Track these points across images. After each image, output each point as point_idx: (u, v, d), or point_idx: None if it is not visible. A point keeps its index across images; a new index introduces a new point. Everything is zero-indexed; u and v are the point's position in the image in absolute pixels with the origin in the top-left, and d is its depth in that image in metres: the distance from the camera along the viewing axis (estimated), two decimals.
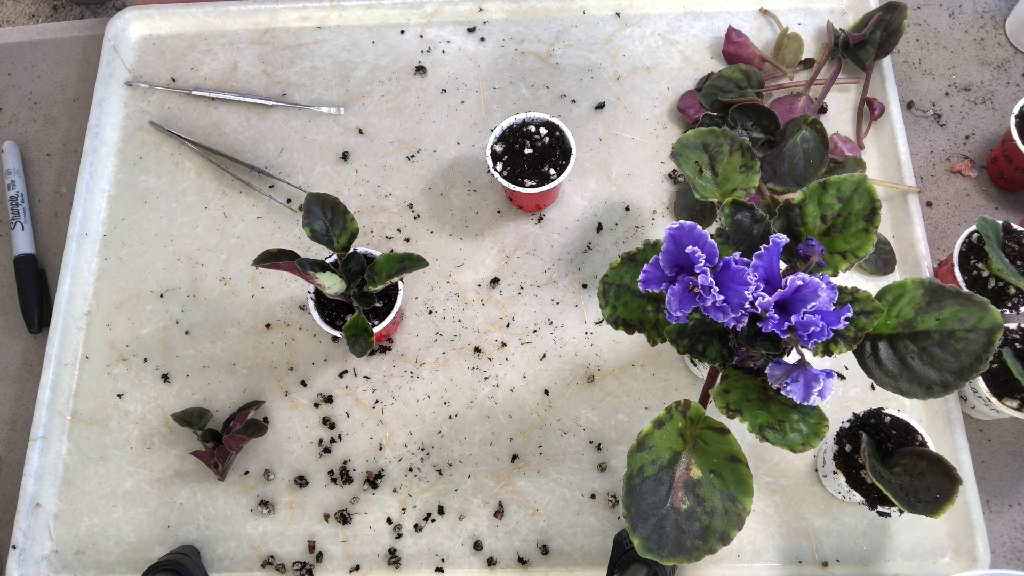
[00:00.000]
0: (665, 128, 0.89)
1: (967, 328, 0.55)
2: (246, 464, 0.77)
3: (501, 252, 0.84)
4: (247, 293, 0.83)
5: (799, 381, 0.54)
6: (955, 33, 0.94)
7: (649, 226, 0.85)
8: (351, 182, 0.88)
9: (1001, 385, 0.71)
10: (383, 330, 0.74)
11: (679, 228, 0.54)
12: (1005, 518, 0.75)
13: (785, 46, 0.89)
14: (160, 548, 0.75)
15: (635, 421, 0.77)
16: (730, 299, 0.53)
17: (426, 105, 0.91)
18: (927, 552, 0.73)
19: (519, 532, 0.74)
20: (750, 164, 0.64)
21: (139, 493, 0.77)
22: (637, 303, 0.62)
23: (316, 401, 0.79)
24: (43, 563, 0.75)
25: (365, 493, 0.76)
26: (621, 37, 0.93)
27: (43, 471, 0.77)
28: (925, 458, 0.63)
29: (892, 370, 0.58)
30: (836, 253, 0.59)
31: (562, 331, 0.81)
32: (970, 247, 0.76)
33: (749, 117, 0.81)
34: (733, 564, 0.73)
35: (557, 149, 0.80)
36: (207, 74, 0.93)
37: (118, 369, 0.81)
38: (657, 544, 0.54)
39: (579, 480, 0.76)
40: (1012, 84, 0.92)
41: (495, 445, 0.77)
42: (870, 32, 0.87)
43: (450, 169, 0.88)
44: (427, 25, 0.94)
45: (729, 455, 0.55)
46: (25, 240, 0.87)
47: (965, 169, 0.88)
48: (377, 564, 0.74)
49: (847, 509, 0.74)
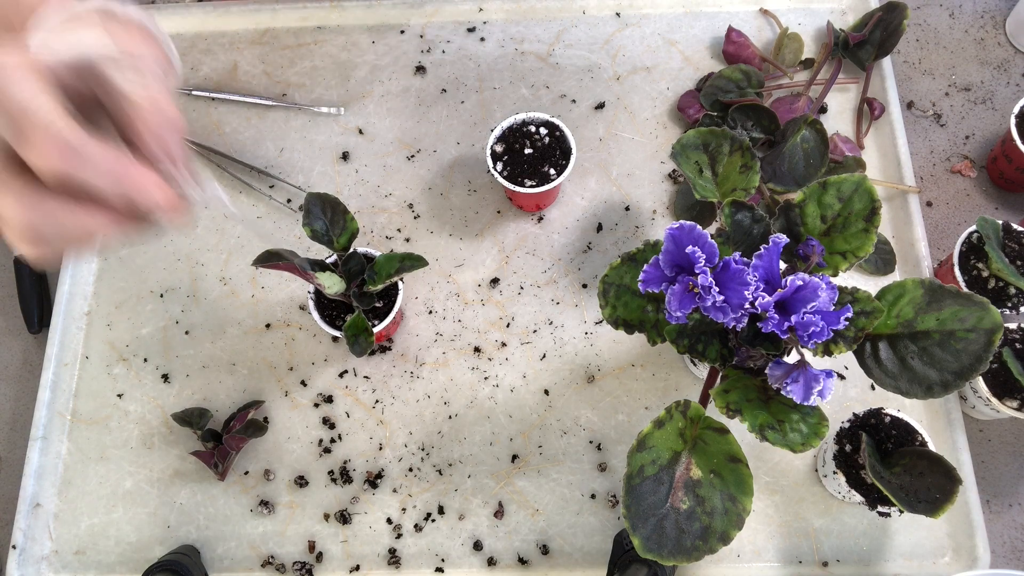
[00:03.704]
0: (665, 128, 0.89)
1: (967, 328, 0.55)
2: (246, 464, 0.77)
3: (501, 252, 0.84)
4: (247, 293, 0.83)
5: (799, 381, 0.54)
6: (955, 33, 0.94)
7: (649, 226, 0.85)
8: (351, 182, 0.88)
9: (1001, 385, 0.71)
10: (383, 330, 0.74)
11: (679, 228, 0.54)
12: (1005, 518, 0.75)
13: (785, 46, 0.89)
14: (160, 548, 0.75)
15: (635, 421, 0.77)
16: (730, 299, 0.53)
17: (426, 105, 0.91)
18: (927, 552, 0.73)
19: (519, 532, 0.74)
20: (750, 164, 0.64)
21: (139, 493, 0.77)
22: (637, 303, 0.62)
23: (316, 401, 0.79)
24: (43, 563, 0.75)
25: (365, 493, 0.76)
26: (621, 37, 0.93)
27: (43, 471, 0.77)
28: (925, 458, 0.63)
29: (892, 370, 0.58)
30: (836, 253, 0.59)
31: (562, 331, 0.81)
32: (970, 247, 0.76)
33: (749, 117, 0.81)
34: (733, 564, 0.73)
35: (557, 149, 0.80)
36: (207, 74, 0.93)
37: (118, 369, 0.81)
38: (657, 544, 0.54)
39: (579, 480, 0.76)
40: (1012, 84, 0.92)
41: (495, 445, 0.77)
42: (870, 32, 0.87)
43: (450, 169, 0.88)
44: (427, 25, 0.94)
45: (729, 455, 0.55)
46: None
47: (965, 169, 0.88)
48: (377, 564, 0.74)
49: (847, 509, 0.74)
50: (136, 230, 0.45)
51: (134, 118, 0.44)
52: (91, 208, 0.43)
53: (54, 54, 0.43)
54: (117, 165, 0.42)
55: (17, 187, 0.41)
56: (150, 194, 0.43)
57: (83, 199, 0.43)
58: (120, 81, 0.44)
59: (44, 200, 0.42)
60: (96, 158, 0.41)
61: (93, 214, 0.43)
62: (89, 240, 0.43)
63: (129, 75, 0.44)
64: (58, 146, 0.40)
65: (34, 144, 0.40)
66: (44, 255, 0.44)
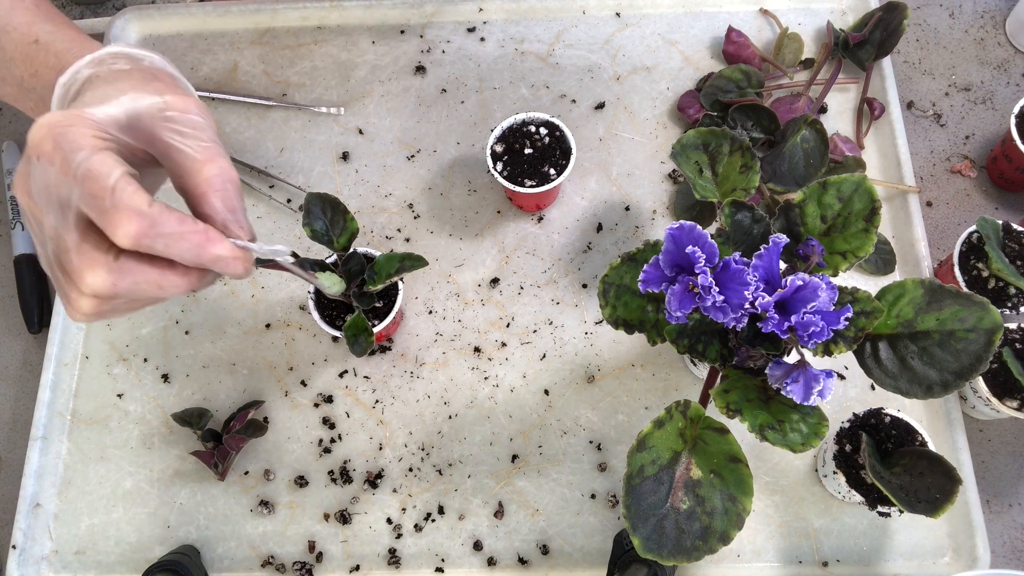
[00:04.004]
0: (665, 128, 0.89)
1: (967, 328, 0.55)
2: (246, 464, 0.77)
3: (501, 252, 0.84)
4: (247, 293, 0.83)
5: (799, 381, 0.54)
6: (955, 33, 0.94)
7: (649, 226, 0.85)
8: (351, 182, 0.88)
9: (1001, 385, 0.71)
10: (383, 330, 0.74)
11: (679, 228, 0.54)
12: (1005, 518, 0.75)
13: (785, 46, 0.89)
14: (160, 548, 0.75)
15: (635, 421, 0.77)
16: (730, 299, 0.53)
17: (426, 105, 0.91)
18: (927, 552, 0.73)
19: (519, 532, 0.74)
20: (750, 164, 0.64)
21: (139, 493, 0.77)
22: (637, 303, 0.62)
23: (316, 401, 0.79)
24: (43, 563, 0.75)
25: (365, 493, 0.76)
26: (621, 37, 0.93)
27: (43, 471, 0.77)
28: (925, 458, 0.63)
29: (892, 370, 0.58)
30: (836, 253, 0.59)
31: (562, 331, 0.81)
32: (970, 247, 0.76)
33: (749, 117, 0.81)
34: (733, 564, 0.73)
35: (557, 149, 0.80)
36: (207, 74, 0.93)
37: (118, 369, 0.81)
38: (657, 544, 0.54)
39: (579, 480, 0.76)
40: (1012, 84, 0.92)
41: (495, 445, 0.77)
42: (870, 32, 0.87)
43: (450, 169, 0.88)
44: (427, 25, 0.94)
45: (729, 455, 0.55)
46: (25, 240, 0.87)
47: (965, 169, 0.88)
48: (377, 564, 0.74)
49: (847, 509, 0.74)
50: (203, 284, 0.47)
51: (196, 177, 0.46)
52: (166, 270, 0.45)
53: (108, 115, 0.45)
54: (196, 237, 0.44)
55: (102, 259, 0.43)
56: (227, 263, 0.46)
57: (158, 261, 0.45)
58: (179, 141, 0.46)
59: (128, 268, 0.44)
60: (177, 232, 0.44)
61: (168, 275, 0.45)
62: (161, 299, 0.46)
63: (185, 130, 0.46)
64: (141, 224, 0.42)
65: (118, 222, 0.42)
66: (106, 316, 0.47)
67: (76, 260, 0.43)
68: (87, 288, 0.43)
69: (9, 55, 0.54)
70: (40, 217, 0.43)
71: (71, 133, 0.42)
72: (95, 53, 0.51)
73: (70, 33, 0.54)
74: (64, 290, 0.45)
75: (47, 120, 0.42)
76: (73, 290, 0.44)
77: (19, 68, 0.54)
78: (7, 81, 0.55)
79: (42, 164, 0.42)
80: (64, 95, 0.49)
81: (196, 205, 0.47)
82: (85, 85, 0.48)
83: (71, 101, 0.48)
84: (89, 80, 0.49)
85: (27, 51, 0.53)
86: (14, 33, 0.54)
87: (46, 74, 0.52)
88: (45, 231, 0.44)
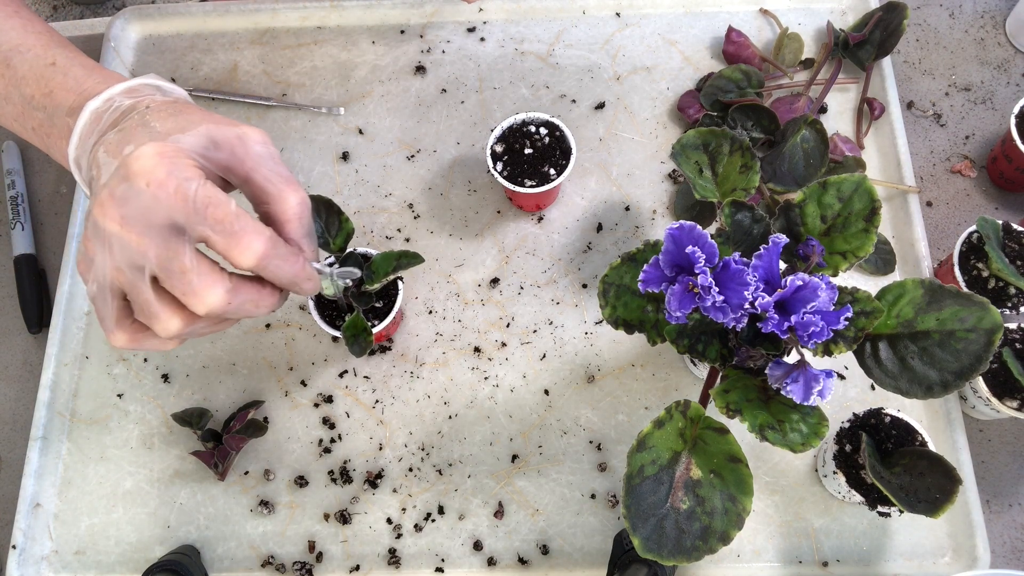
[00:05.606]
0: (665, 128, 0.89)
1: (967, 328, 0.55)
2: (246, 464, 0.77)
3: (501, 252, 0.84)
4: None
5: (799, 381, 0.54)
6: (955, 33, 0.94)
7: (649, 226, 0.85)
8: (351, 182, 0.88)
9: (1001, 385, 0.71)
10: (383, 330, 0.74)
11: (679, 228, 0.54)
12: (1005, 518, 0.75)
13: (785, 46, 0.89)
14: (160, 548, 0.75)
15: (635, 421, 0.77)
16: (730, 299, 0.53)
17: (426, 105, 0.91)
18: (927, 552, 0.73)
19: (519, 532, 0.74)
20: (750, 164, 0.64)
21: (139, 493, 0.77)
22: (637, 303, 0.62)
23: (316, 401, 0.79)
24: (43, 563, 0.75)
25: (365, 493, 0.76)
26: (621, 37, 0.93)
27: (43, 471, 0.77)
28: (925, 458, 0.63)
29: (892, 370, 0.58)
30: (836, 253, 0.59)
31: (562, 331, 0.81)
32: (970, 247, 0.76)
33: (749, 117, 0.81)
34: (733, 564, 0.73)
35: (557, 149, 0.80)
36: (207, 74, 0.93)
37: (118, 369, 0.81)
38: (657, 544, 0.54)
39: (579, 480, 0.76)
40: (1012, 84, 0.92)
41: (495, 445, 0.77)
42: (870, 32, 0.87)
43: (450, 169, 0.88)
44: (427, 25, 0.94)
45: (729, 455, 0.55)
46: (25, 240, 0.87)
47: (965, 169, 0.88)
48: (377, 564, 0.74)
49: (847, 509, 0.74)
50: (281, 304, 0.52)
51: (283, 204, 0.50)
52: (263, 289, 0.50)
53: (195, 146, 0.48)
54: (299, 261, 0.49)
55: (220, 278, 0.47)
56: (307, 284, 0.51)
57: (257, 282, 0.50)
58: (265, 171, 0.50)
59: (239, 287, 0.48)
60: (288, 256, 0.49)
61: (264, 295, 0.50)
62: (254, 315, 0.50)
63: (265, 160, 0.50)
64: (267, 245, 0.47)
65: (248, 243, 0.46)
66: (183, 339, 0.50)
67: (196, 280, 0.46)
68: (203, 306, 0.46)
69: (21, 74, 0.55)
70: (134, 242, 0.45)
71: (180, 162, 0.45)
72: (128, 83, 0.53)
73: (87, 61, 0.56)
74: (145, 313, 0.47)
75: (153, 149, 0.45)
76: (164, 311, 0.47)
77: (31, 87, 0.55)
78: (11, 100, 0.56)
79: (151, 190, 0.44)
80: (95, 120, 0.51)
81: (280, 229, 0.51)
82: (136, 114, 0.50)
83: (109, 127, 0.50)
84: (133, 109, 0.51)
85: (43, 72, 0.55)
86: (28, 54, 0.56)
87: (61, 95, 0.54)
88: (131, 257, 0.45)
